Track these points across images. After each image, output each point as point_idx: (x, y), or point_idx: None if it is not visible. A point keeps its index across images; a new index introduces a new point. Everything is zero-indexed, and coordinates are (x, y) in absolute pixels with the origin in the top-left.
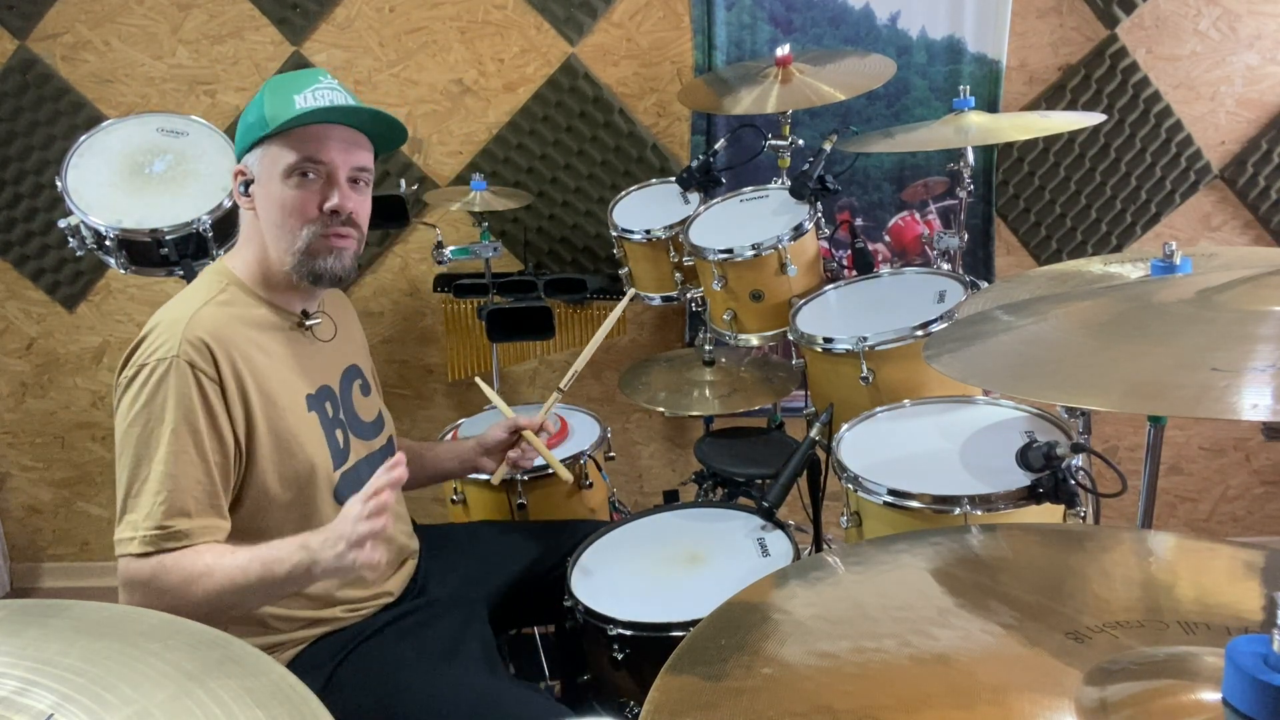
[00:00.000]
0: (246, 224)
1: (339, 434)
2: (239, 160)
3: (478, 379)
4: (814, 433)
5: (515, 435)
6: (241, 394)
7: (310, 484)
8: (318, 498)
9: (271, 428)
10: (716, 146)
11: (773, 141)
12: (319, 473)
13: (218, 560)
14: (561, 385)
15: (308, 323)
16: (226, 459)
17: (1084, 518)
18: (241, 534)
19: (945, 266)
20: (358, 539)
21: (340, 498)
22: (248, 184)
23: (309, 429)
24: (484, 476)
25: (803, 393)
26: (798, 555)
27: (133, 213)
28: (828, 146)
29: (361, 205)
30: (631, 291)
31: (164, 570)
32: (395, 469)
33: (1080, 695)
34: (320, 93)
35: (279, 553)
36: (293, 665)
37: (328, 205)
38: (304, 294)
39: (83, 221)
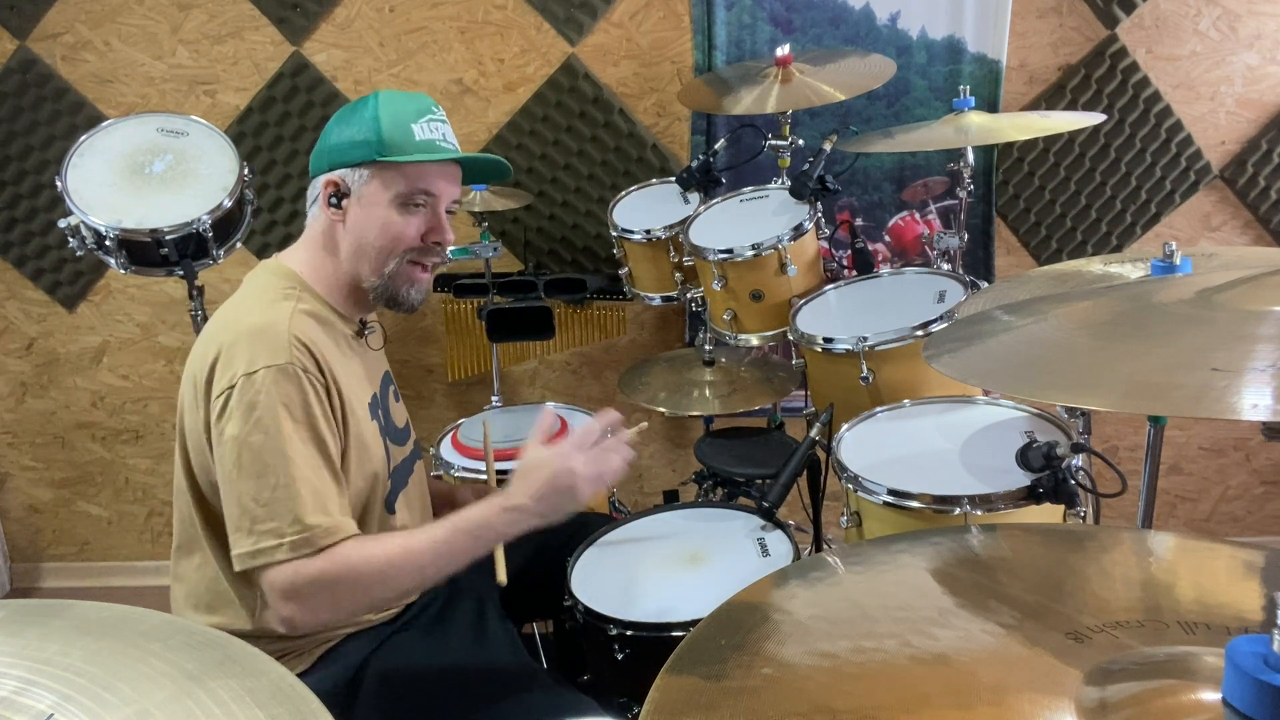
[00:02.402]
0: (322, 232)
1: (387, 441)
2: (328, 169)
3: (486, 431)
4: (814, 433)
5: None
6: (340, 399)
7: (374, 490)
8: (376, 504)
9: (354, 433)
10: (716, 146)
11: (773, 141)
12: (380, 479)
13: (409, 538)
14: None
15: (365, 332)
16: (338, 459)
17: (1084, 518)
18: None
19: (945, 266)
20: (594, 479)
21: (389, 505)
22: (340, 196)
23: (374, 436)
24: (480, 477)
25: (803, 393)
26: (798, 555)
27: (133, 213)
28: (828, 146)
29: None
30: (644, 425)
31: (347, 560)
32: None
33: (1080, 695)
34: (434, 125)
35: (484, 519)
36: (316, 666)
37: (434, 237)
38: (367, 305)
39: (83, 221)
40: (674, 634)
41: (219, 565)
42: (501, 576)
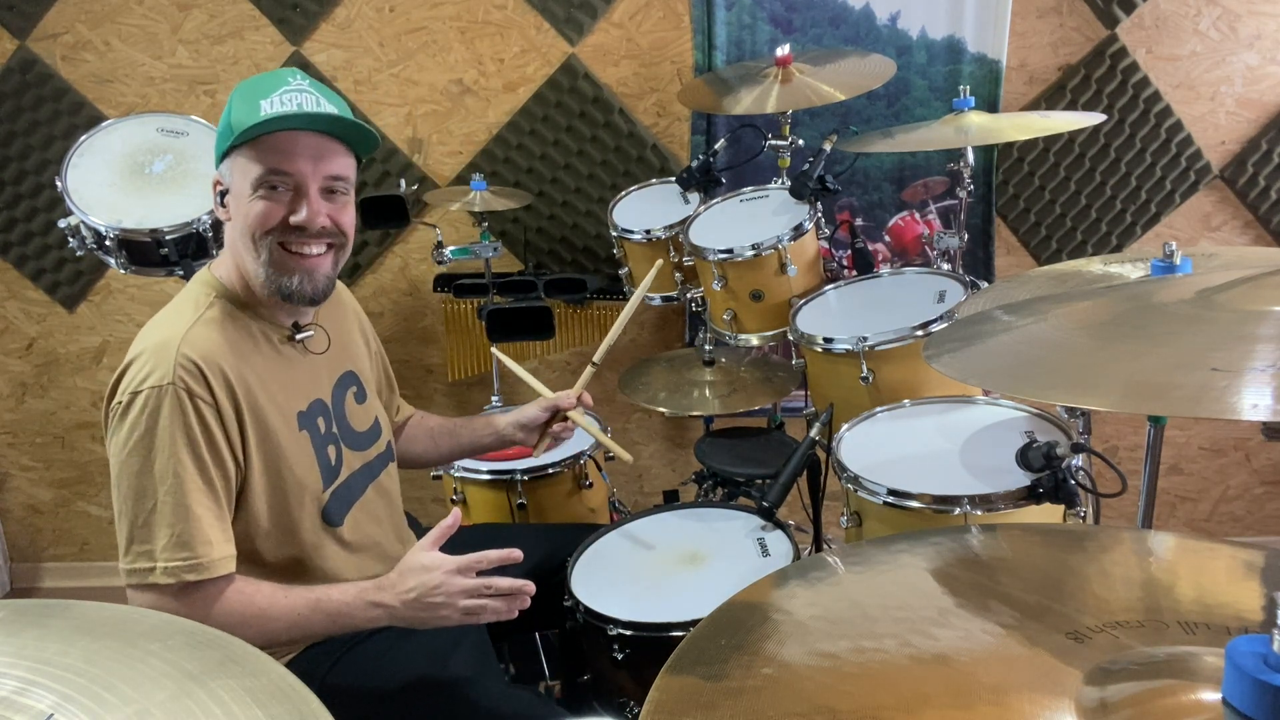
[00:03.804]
0: (227, 234)
1: (330, 450)
2: (216, 169)
3: (501, 355)
4: (814, 433)
5: (553, 413)
6: (236, 416)
7: (299, 506)
8: (304, 520)
9: (262, 451)
10: (716, 146)
11: (773, 141)
12: (308, 495)
13: (271, 603)
14: (595, 359)
15: (299, 336)
16: (229, 483)
17: (1084, 518)
18: None
19: (945, 266)
20: (465, 611)
21: (329, 518)
22: (224, 194)
23: (300, 450)
24: (480, 477)
25: (803, 393)
26: (798, 555)
27: (133, 213)
28: (828, 146)
29: (340, 214)
30: (659, 263)
31: (206, 608)
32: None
33: (1080, 695)
34: (288, 96)
35: (346, 607)
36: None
37: (294, 219)
38: (291, 307)
39: (83, 221)
40: (674, 634)
41: None
42: (626, 455)
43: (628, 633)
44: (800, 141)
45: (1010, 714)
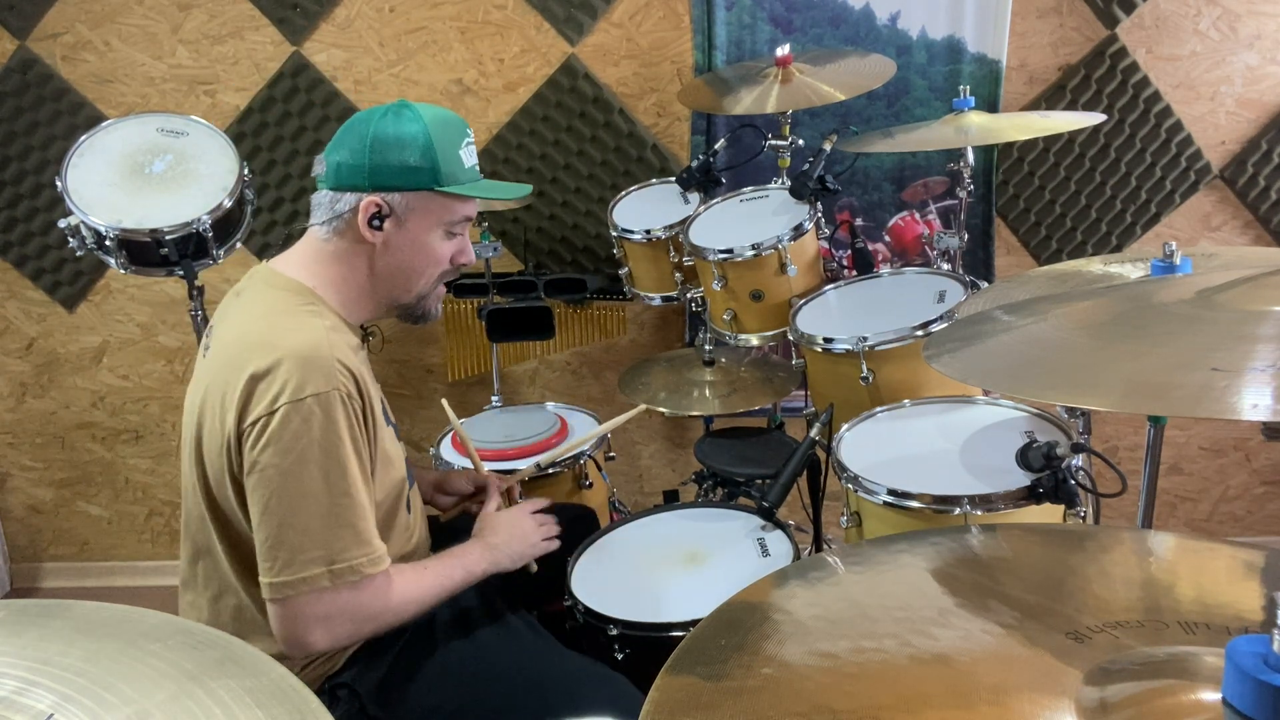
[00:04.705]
0: (344, 247)
1: (400, 442)
2: (369, 189)
3: (450, 412)
4: (814, 433)
5: (476, 489)
6: (371, 419)
7: (399, 496)
8: (399, 507)
9: (380, 447)
10: (716, 146)
11: (773, 141)
12: (405, 485)
13: (422, 576)
14: (534, 467)
15: (369, 337)
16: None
17: (1084, 518)
18: None
19: (945, 266)
20: (544, 537)
21: (408, 505)
22: (384, 218)
23: (394, 443)
24: None
25: (803, 393)
26: (798, 555)
27: (133, 213)
28: (828, 146)
29: None
30: (641, 407)
31: (385, 597)
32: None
33: (1080, 695)
34: (471, 149)
35: (474, 561)
36: (347, 665)
37: (463, 259)
38: (372, 315)
39: (83, 221)
40: (674, 634)
41: (246, 595)
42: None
43: (628, 633)
44: (800, 141)
45: (1010, 714)
